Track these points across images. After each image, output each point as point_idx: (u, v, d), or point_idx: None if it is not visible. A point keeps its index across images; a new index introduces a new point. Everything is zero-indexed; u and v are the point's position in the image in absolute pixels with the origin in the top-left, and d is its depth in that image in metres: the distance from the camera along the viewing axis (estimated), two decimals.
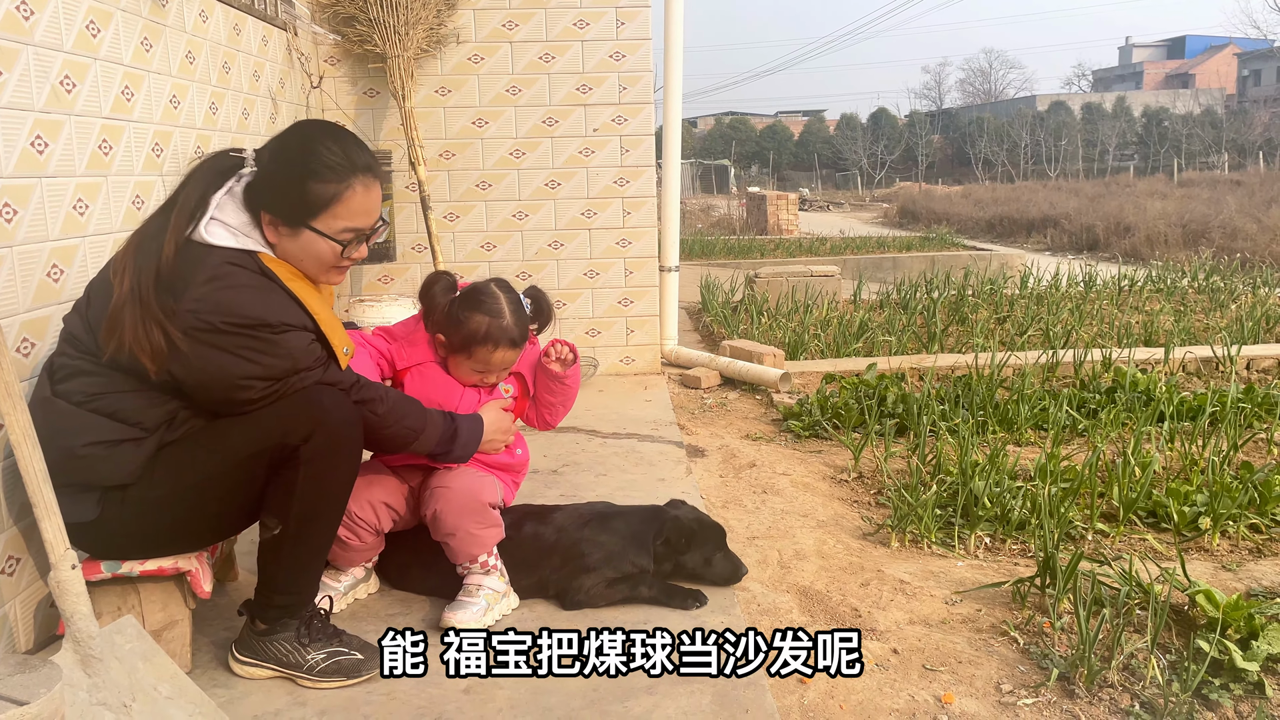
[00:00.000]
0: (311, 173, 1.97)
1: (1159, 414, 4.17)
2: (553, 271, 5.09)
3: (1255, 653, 2.20)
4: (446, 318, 2.42)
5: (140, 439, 1.94)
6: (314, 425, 1.97)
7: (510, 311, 2.42)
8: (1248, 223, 14.46)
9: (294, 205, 1.98)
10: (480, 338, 2.38)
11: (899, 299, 7.71)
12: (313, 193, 1.97)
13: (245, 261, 1.95)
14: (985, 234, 20.01)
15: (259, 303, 1.92)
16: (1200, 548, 3.01)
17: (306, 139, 2.02)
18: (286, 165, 1.99)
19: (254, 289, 1.93)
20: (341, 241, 2.02)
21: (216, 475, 1.98)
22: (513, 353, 2.44)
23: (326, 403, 2.00)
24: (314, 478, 1.99)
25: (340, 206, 1.99)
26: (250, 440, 1.97)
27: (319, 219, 1.99)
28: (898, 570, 2.85)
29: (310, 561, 2.11)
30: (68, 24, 2.44)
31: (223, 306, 1.88)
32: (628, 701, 2.02)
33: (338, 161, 1.98)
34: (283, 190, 1.98)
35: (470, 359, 2.42)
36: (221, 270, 1.91)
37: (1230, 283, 8.51)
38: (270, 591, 2.09)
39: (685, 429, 4.31)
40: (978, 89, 72.61)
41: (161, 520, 1.99)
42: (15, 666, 1.51)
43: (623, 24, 4.91)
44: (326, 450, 1.99)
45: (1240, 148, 39.16)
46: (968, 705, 2.15)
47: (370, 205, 2.04)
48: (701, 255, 13.19)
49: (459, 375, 2.47)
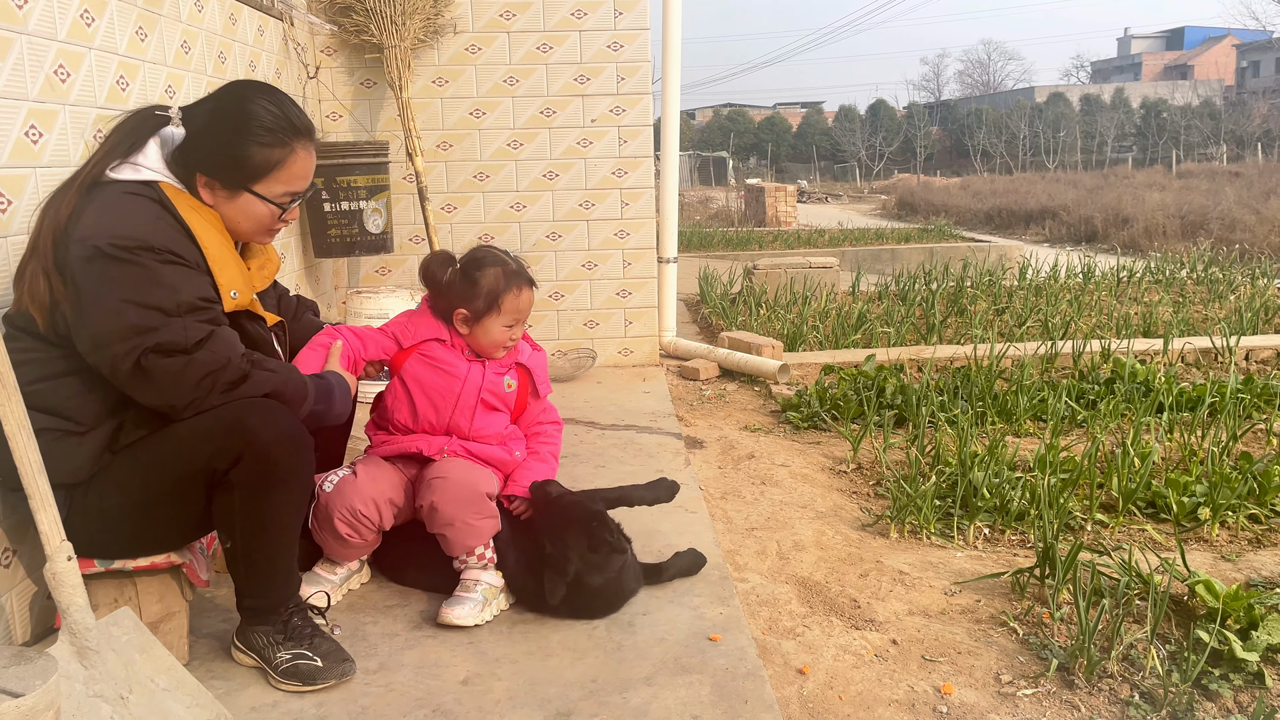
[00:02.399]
0: (252, 135, 1.95)
1: (1158, 405, 4.17)
2: (551, 263, 5.07)
3: (1255, 643, 2.20)
4: (459, 288, 2.43)
5: (79, 433, 1.89)
6: (242, 447, 1.86)
7: (511, 257, 2.49)
8: (1246, 214, 14.45)
9: (234, 168, 1.96)
10: (503, 288, 2.41)
11: (897, 290, 7.71)
12: (255, 157, 1.96)
13: (141, 190, 1.91)
14: (984, 226, 19.99)
15: (143, 225, 1.86)
16: (1199, 538, 3.01)
17: (243, 100, 1.99)
18: (225, 128, 1.96)
19: (142, 214, 1.87)
20: (280, 205, 2.02)
21: (162, 493, 1.92)
22: (532, 292, 2.48)
23: (253, 422, 1.87)
24: (251, 500, 1.91)
25: (282, 171, 1.99)
26: (182, 461, 1.89)
27: (260, 183, 1.98)
28: (897, 561, 2.85)
29: (273, 570, 2.06)
30: (62, 13, 2.42)
31: (107, 229, 1.83)
32: (626, 693, 2.01)
33: (279, 124, 1.97)
34: (222, 153, 1.96)
35: (500, 315, 2.43)
36: (115, 199, 1.88)
37: (1229, 274, 8.51)
38: (241, 595, 2.08)
39: (684, 420, 4.30)
40: (976, 80, 72.51)
41: (122, 529, 1.95)
42: (11, 658, 1.50)
43: (621, 14, 4.89)
44: (260, 472, 1.89)
45: (1239, 139, 39.16)
46: (967, 696, 2.14)
47: (309, 169, 2.05)
48: (700, 247, 13.19)
49: (490, 342, 2.45)
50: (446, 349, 2.48)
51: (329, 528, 2.36)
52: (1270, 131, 38.44)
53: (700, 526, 2.92)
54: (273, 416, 1.91)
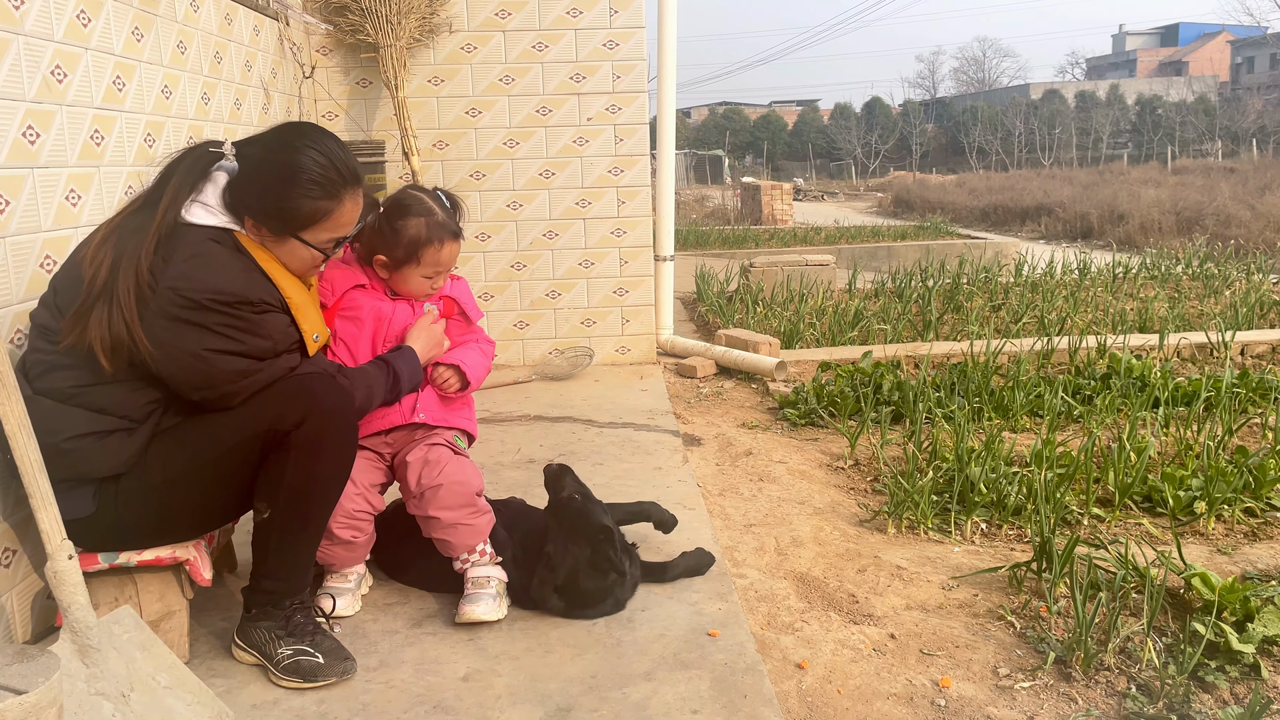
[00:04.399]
0: (301, 188, 1.96)
1: (1154, 400, 4.18)
2: (548, 261, 5.08)
3: (1251, 635, 2.21)
4: (379, 235, 2.35)
5: (131, 429, 1.93)
6: (306, 412, 1.97)
7: (439, 208, 2.38)
8: (1241, 210, 14.48)
9: (282, 219, 1.99)
10: (424, 240, 2.32)
11: (894, 288, 7.72)
12: (303, 208, 1.98)
13: (224, 239, 1.95)
14: (980, 223, 20.01)
15: (241, 280, 1.92)
16: (1195, 532, 3.02)
17: (293, 150, 1.98)
18: (274, 178, 1.97)
19: (236, 267, 1.93)
20: (325, 251, 2.06)
21: (210, 461, 1.98)
22: (457, 245, 2.39)
23: (319, 390, 2.01)
24: (303, 462, 1.99)
25: (329, 221, 2.01)
26: (243, 425, 1.97)
27: (307, 231, 2.01)
28: (894, 556, 2.86)
29: (299, 550, 2.10)
30: (58, 14, 2.42)
31: (207, 283, 1.87)
32: (626, 688, 2.02)
33: (327, 177, 1.98)
34: (271, 202, 1.97)
35: (420, 265, 2.35)
36: (203, 247, 1.90)
37: (1224, 269, 8.53)
38: (260, 576, 2.10)
39: (681, 418, 4.31)
40: (972, 78, 72.57)
41: (158, 508, 1.98)
42: (13, 656, 1.50)
43: (616, 12, 4.90)
44: (317, 436, 1.99)
45: (1234, 135, 39.22)
46: (965, 689, 2.15)
47: (355, 215, 2.07)
48: (696, 245, 13.19)
49: (410, 289, 2.39)
50: (367, 294, 2.40)
51: (332, 538, 2.33)
52: (1265, 127, 38.49)
53: (698, 523, 2.93)
54: (336, 391, 2.05)
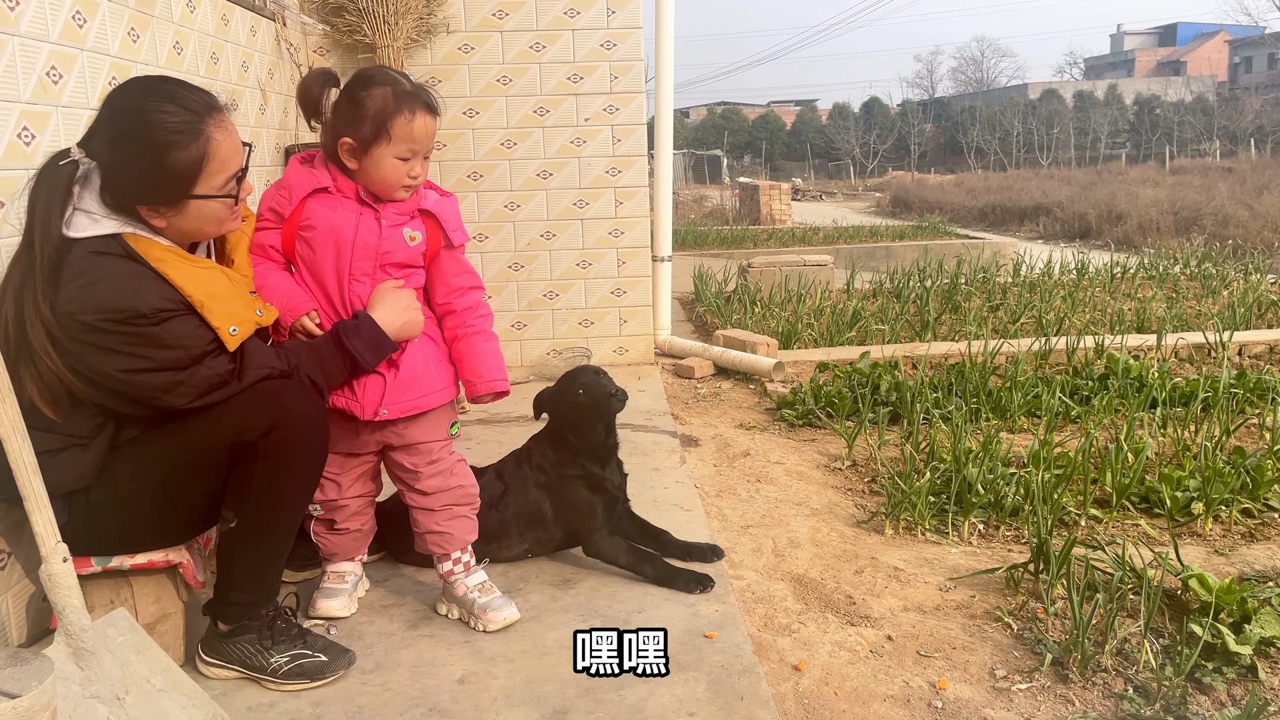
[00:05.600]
0: (166, 146, 1.80)
1: (1151, 400, 4.18)
2: (545, 262, 5.07)
3: (1248, 636, 2.21)
4: (340, 113, 2.09)
5: (82, 444, 1.88)
6: (274, 420, 1.91)
7: (405, 77, 2.13)
8: (1239, 210, 14.49)
9: (168, 185, 1.83)
10: (393, 109, 2.06)
11: (892, 288, 7.72)
12: (180, 164, 1.82)
13: (109, 247, 1.81)
14: (978, 223, 20.02)
15: (129, 291, 1.78)
16: (1193, 533, 3.02)
17: (136, 114, 1.83)
18: (136, 152, 1.81)
19: (123, 276, 1.79)
20: (229, 194, 1.92)
21: (180, 470, 1.93)
22: (432, 119, 2.12)
23: (290, 399, 1.95)
24: (270, 471, 1.94)
25: (211, 163, 1.86)
26: (210, 437, 1.91)
27: (199, 185, 1.86)
28: (892, 557, 2.85)
29: (266, 559, 2.06)
30: (54, 14, 2.41)
31: (94, 302, 1.76)
32: (623, 690, 2.02)
33: (183, 120, 1.82)
34: (148, 176, 1.82)
35: (392, 143, 2.07)
36: (85, 264, 1.78)
37: (1222, 269, 8.54)
38: (226, 588, 2.06)
39: (679, 418, 4.31)
40: (970, 77, 72.63)
41: (131, 517, 1.95)
42: (7, 659, 1.50)
43: (613, 12, 4.89)
44: (286, 445, 1.93)
45: (1232, 135, 39.24)
46: (962, 691, 2.15)
47: (234, 142, 1.90)
48: (694, 245, 13.19)
49: (383, 179, 2.11)
50: (331, 200, 2.13)
51: (317, 528, 2.38)
52: (1263, 127, 38.52)
53: (696, 524, 2.92)
54: (306, 397, 1.99)
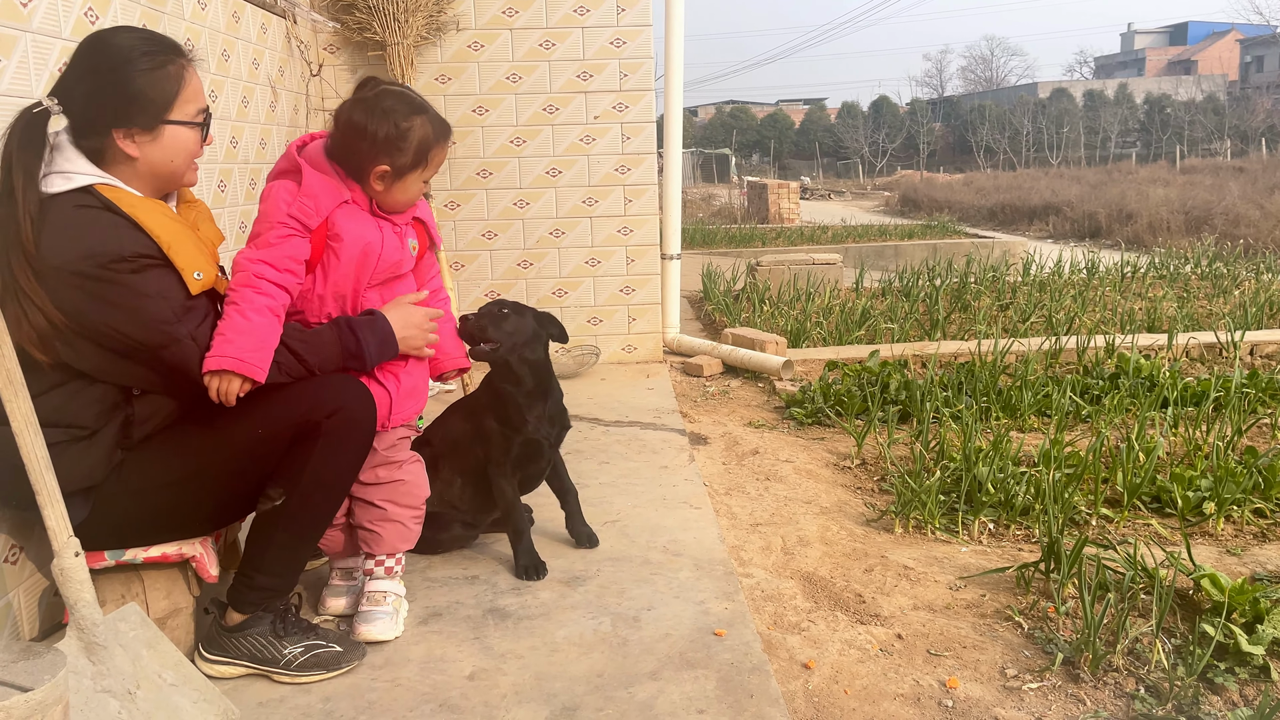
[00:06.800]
0: (141, 71, 1.89)
1: (1163, 399, 4.16)
2: (554, 260, 5.08)
3: (1260, 636, 2.20)
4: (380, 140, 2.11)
5: (86, 437, 1.89)
6: (341, 402, 2.02)
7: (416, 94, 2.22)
8: (1250, 209, 14.43)
9: (142, 106, 1.90)
10: (433, 139, 2.17)
11: (901, 287, 7.70)
12: (155, 84, 1.90)
13: (87, 200, 1.86)
14: (987, 222, 19.97)
15: (111, 236, 1.83)
16: (1205, 533, 3.01)
17: (108, 44, 1.91)
18: (110, 76, 1.88)
19: (104, 223, 1.84)
20: (199, 124, 1.99)
21: (236, 453, 1.98)
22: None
23: (354, 386, 2.07)
24: (328, 449, 2.02)
25: (185, 89, 1.95)
26: (281, 413, 1.99)
27: (173, 108, 1.93)
28: (901, 556, 2.85)
29: (300, 543, 2.10)
30: (66, 11, 2.42)
31: (81, 248, 1.80)
32: (632, 687, 2.02)
33: (152, 46, 1.92)
34: (123, 98, 1.88)
35: (426, 169, 2.19)
36: (68, 216, 1.83)
37: (1233, 269, 8.50)
38: (254, 571, 2.07)
39: (688, 417, 4.31)
40: (979, 76, 72.45)
41: (162, 506, 1.97)
42: (19, 653, 1.50)
43: (623, 10, 4.89)
44: (345, 428, 2.03)
45: (1243, 134, 39.09)
46: (972, 690, 2.14)
47: (200, 83, 2.01)
48: (703, 244, 13.19)
49: (406, 199, 2.21)
50: (352, 213, 2.16)
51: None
52: (1274, 126, 38.35)
53: (705, 522, 2.92)
54: (365, 394, 2.09)
